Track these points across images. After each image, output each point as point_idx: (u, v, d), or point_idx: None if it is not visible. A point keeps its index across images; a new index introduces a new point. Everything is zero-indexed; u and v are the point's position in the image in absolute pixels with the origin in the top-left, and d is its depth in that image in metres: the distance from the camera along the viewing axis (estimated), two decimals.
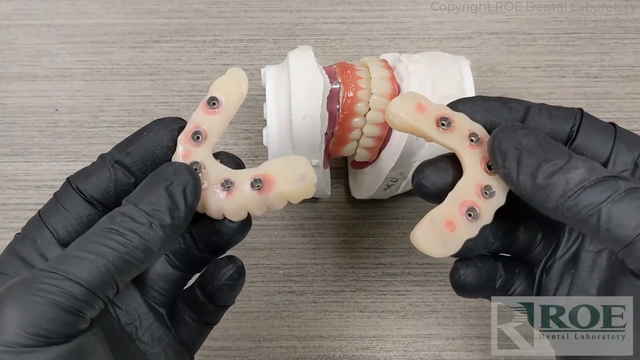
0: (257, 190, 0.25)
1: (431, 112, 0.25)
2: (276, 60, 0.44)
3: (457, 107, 0.26)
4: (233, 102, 0.26)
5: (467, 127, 0.25)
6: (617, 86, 0.43)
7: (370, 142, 0.36)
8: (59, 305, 0.20)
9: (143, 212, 0.23)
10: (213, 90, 0.26)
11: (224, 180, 0.25)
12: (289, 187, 0.25)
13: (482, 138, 0.25)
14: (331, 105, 0.34)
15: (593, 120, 0.26)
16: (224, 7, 0.45)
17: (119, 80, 0.43)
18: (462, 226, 0.25)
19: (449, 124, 0.25)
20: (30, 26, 0.45)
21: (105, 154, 0.26)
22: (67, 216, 0.25)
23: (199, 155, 0.25)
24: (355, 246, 0.40)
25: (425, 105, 0.25)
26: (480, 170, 0.25)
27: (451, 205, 0.25)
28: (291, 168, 0.25)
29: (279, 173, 0.25)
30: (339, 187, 0.41)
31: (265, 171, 0.25)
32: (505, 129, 0.24)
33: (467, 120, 0.25)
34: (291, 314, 0.39)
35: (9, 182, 0.41)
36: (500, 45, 0.44)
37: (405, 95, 0.26)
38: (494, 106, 0.26)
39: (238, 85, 0.26)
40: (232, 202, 0.25)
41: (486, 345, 0.38)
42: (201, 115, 0.26)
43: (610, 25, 0.45)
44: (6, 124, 0.42)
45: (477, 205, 0.25)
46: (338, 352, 0.38)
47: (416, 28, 0.45)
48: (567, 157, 0.23)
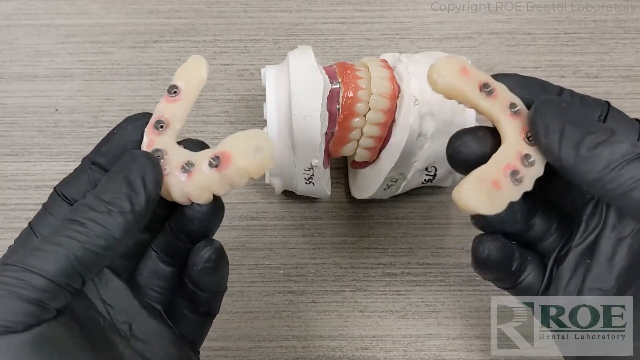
0: (215, 168, 0.24)
1: (475, 77, 0.25)
2: (276, 60, 0.44)
3: (496, 78, 0.26)
4: (193, 89, 0.26)
5: (507, 97, 0.25)
6: (617, 86, 0.43)
7: (370, 142, 0.36)
8: (19, 297, 0.21)
9: (102, 201, 0.23)
10: (174, 79, 0.26)
11: (184, 163, 0.25)
12: (246, 161, 0.24)
13: (522, 109, 0.25)
14: (331, 105, 0.34)
15: (619, 114, 0.26)
16: (224, 7, 0.45)
17: (119, 80, 0.43)
18: (507, 187, 0.24)
19: (492, 91, 0.25)
20: (30, 26, 0.45)
21: (85, 157, 0.26)
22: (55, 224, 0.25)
23: (162, 142, 0.25)
24: (355, 246, 0.40)
25: (469, 70, 0.25)
26: (520, 140, 0.25)
27: (496, 166, 0.25)
28: (246, 142, 0.25)
29: (235, 148, 0.25)
30: (339, 187, 0.41)
31: (222, 148, 0.25)
32: (547, 101, 0.24)
33: (507, 91, 0.26)
34: (291, 314, 0.39)
35: (9, 182, 0.41)
36: (500, 45, 0.44)
37: (450, 57, 0.25)
38: (530, 84, 0.26)
39: (197, 72, 0.26)
40: (193, 183, 0.25)
41: (486, 345, 0.38)
42: (163, 105, 0.26)
43: (610, 25, 0.45)
44: (6, 124, 0.42)
45: (520, 170, 0.25)
46: (338, 352, 0.38)
47: (416, 28, 0.45)
48: (611, 131, 0.23)
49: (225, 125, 0.42)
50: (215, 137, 0.42)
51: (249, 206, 0.40)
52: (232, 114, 0.43)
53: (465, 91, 0.25)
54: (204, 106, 0.43)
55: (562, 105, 0.24)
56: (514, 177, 0.24)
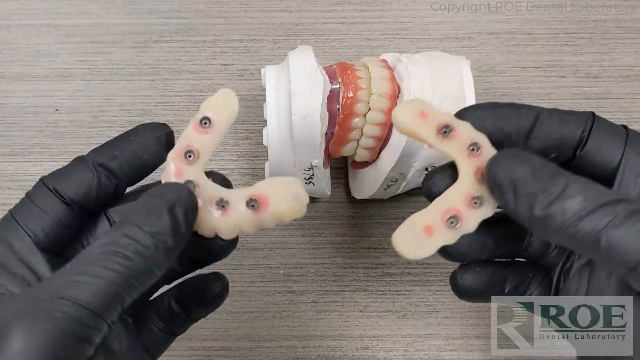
0: (253, 209, 0.25)
1: (433, 120, 0.26)
2: (276, 60, 0.44)
3: (467, 114, 0.26)
4: (224, 122, 0.26)
5: (469, 136, 0.26)
6: (617, 86, 0.43)
7: (370, 142, 0.36)
8: (67, 333, 0.20)
9: (148, 234, 0.22)
10: (205, 110, 0.26)
11: (218, 199, 0.25)
12: (284, 206, 0.25)
13: (483, 148, 0.26)
14: (331, 105, 0.34)
15: (605, 125, 0.25)
16: (224, 7, 0.45)
17: (119, 80, 0.43)
18: (440, 232, 0.25)
19: (450, 132, 0.26)
20: (30, 26, 0.45)
21: (85, 156, 0.26)
22: (44, 218, 0.25)
23: (192, 173, 0.25)
24: (355, 246, 0.40)
25: (428, 113, 0.26)
26: (473, 180, 0.25)
27: (434, 211, 0.26)
28: (285, 188, 0.25)
29: (273, 194, 0.25)
30: (339, 187, 0.41)
31: (260, 191, 0.25)
32: (500, 158, 0.24)
33: (470, 130, 0.26)
34: (291, 314, 0.39)
35: (9, 182, 0.41)
36: (500, 45, 0.44)
37: (410, 101, 0.27)
38: (503, 113, 0.26)
39: (229, 106, 0.26)
40: (227, 221, 0.25)
41: (486, 345, 0.38)
42: (193, 134, 0.26)
43: (610, 25, 0.45)
44: (6, 124, 0.42)
45: (462, 213, 0.25)
46: (338, 352, 0.38)
47: (416, 28, 0.45)
48: (564, 184, 0.22)
49: None
50: None
51: None
52: None
53: (422, 134, 0.26)
54: None
55: (514, 162, 0.24)
56: (451, 222, 0.25)
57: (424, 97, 0.34)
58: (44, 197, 0.25)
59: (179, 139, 0.26)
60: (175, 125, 0.42)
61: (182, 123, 0.42)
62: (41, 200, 0.25)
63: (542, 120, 0.25)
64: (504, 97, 0.43)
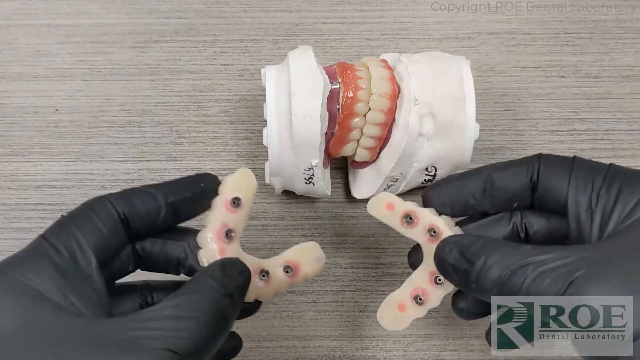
0: (289, 276, 0.30)
1: (398, 210, 0.31)
2: (276, 60, 0.44)
3: (428, 196, 0.31)
4: (250, 199, 0.30)
5: (428, 223, 0.30)
6: (617, 86, 0.43)
7: (370, 142, 0.36)
8: None
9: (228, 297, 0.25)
10: (230, 191, 0.29)
11: (260, 271, 0.29)
12: (312, 269, 0.31)
13: (441, 232, 0.30)
14: (331, 105, 0.34)
15: (551, 163, 0.29)
16: (224, 7, 0.45)
17: (119, 80, 0.43)
18: (411, 309, 0.31)
19: (412, 220, 0.30)
20: (30, 26, 0.45)
21: (156, 192, 0.27)
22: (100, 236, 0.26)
23: (233, 251, 0.29)
24: (355, 246, 0.40)
25: (394, 204, 0.31)
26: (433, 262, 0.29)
27: (404, 291, 0.31)
28: (310, 253, 0.31)
29: (302, 259, 0.31)
30: (339, 187, 0.41)
31: (291, 258, 0.31)
32: (439, 247, 0.29)
33: (430, 216, 0.30)
34: (291, 314, 0.39)
35: (9, 182, 0.41)
36: (500, 45, 0.44)
37: (378, 197, 0.31)
38: (456, 186, 0.30)
39: (250, 184, 0.30)
40: (269, 288, 0.30)
41: (486, 346, 0.38)
42: (225, 214, 0.29)
43: (610, 25, 0.45)
44: (6, 124, 0.42)
45: (427, 292, 0.30)
46: (338, 352, 0.38)
47: (416, 28, 0.45)
48: (484, 258, 0.27)
49: (225, 125, 0.42)
50: (215, 137, 0.42)
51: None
52: (232, 114, 0.43)
53: (390, 223, 0.31)
54: (204, 106, 0.43)
55: (449, 247, 0.28)
56: (418, 300, 0.30)
57: (424, 97, 0.34)
58: (107, 217, 0.26)
59: (211, 219, 0.28)
60: (175, 125, 0.42)
61: (182, 123, 0.42)
62: (105, 218, 0.26)
63: (492, 182, 0.29)
64: (504, 97, 0.43)
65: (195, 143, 0.42)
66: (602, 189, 0.27)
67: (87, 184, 0.41)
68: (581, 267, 0.25)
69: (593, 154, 0.42)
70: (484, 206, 0.30)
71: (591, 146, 0.42)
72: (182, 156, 0.42)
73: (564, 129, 0.42)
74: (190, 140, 0.42)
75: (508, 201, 0.29)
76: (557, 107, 0.43)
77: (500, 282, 0.26)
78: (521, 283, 0.25)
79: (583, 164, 0.28)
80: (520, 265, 0.26)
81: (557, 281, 0.25)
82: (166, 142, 0.42)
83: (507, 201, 0.29)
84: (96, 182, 0.41)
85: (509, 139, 0.42)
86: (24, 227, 0.40)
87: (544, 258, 0.25)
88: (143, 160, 0.41)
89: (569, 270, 0.25)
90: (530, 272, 0.25)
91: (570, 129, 0.42)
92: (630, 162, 0.41)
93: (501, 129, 0.42)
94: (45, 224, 0.40)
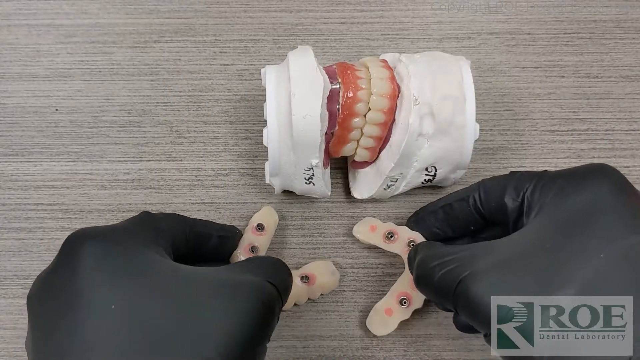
0: (305, 283, 0.37)
1: (381, 229, 0.37)
2: (276, 60, 0.44)
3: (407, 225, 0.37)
4: (272, 227, 0.38)
5: (407, 236, 0.37)
6: (617, 86, 0.43)
7: (370, 142, 0.36)
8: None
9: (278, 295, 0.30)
10: (257, 219, 0.38)
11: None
12: (327, 279, 0.37)
13: (417, 242, 0.36)
14: (331, 105, 0.34)
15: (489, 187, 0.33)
16: (224, 7, 0.45)
17: (119, 80, 0.43)
18: (397, 312, 0.36)
19: (393, 236, 0.37)
20: (30, 26, 0.45)
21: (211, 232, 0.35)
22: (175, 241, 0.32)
23: None
24: (355, 246, 0.40)
25: (376, 226, 0.38)
26: None
27: (390, 296, 0.37)
28: (325, 267, 0.38)
29: (317, 271, 0.37)
30: (339, 187, 0.41)
31: (308, 270, 0.37)
32: (412, 250, 0.35)
33: (407, 231, 0.37)
34: (291, 314, 0.39)
35: (9, 182, 0.41)
36: (500, 45, 0.44)
37: (362, 221, 0.38)
38: (422, 218, 0.37)
39: (273, 217, 0.38)
40: (290, 295, 0.33)
41: (486, 346, 0.38)
42: (252, 236, 0.37)
43: (610, 25, 0.45)
44: (6, 124, 0.42)
45: (410, 295, 0.36)
46: (338, 352, 0.38)
47: (416, 28, 0.45)
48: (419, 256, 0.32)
49: (225, 125, 0.42)
50: (215, 137, 0.42)
51: (248, 206, 0.40)
52: (232, 114, 0.43)
53: (375, 242, 0.37)
54: (204, 106, 0.43)
55: (412, 249, 0.35)
56: (402, 303, 0.36)
57: (424, 97, 0.34)
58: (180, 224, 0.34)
59: (241, 242, 0.37)
60: (175, 125, 0.42)
61: (182, 123, 0.42)
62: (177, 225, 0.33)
63: (449, 211, 0.35)
64: (504, 97, 0.43)
65: (195, 143, 0.42)
66: (527, 192, 0.31)
67: (87, 184, 0.41)
68: (469, 267, 0.28)
69: (593, 154, 0.42)
70: (448, 232, 0.36)
71: (591, 146, 0.42)
72: (182, 156, 0.42)
73: (564, 129, 0.42)
74: (190, 140, 0.42)
75: (465, 227, 0.35)
76: (557, 107, 0.43)
77: (423, 277, 0.31)
78: (435, 279, 0.30)
79: (515, 175, 0.32)
80: (438, 263, 0.30)
81: (452, 279, 0.29)
82: (166, 142, 0.42)
83: (463, 228, 0.35)
84: (96, 182, 0.41)
85: (509, 139, 0.42)
86: (24, 227, 0.40)
87: (449, 258, 0.30)
88: (143, 160, 0.41)
89: (459, 270, 0.29)
90: (437, 272, 0.30)
91: (570, 129, 0.42)
92: (630, 162, 0.41)
93: (501, 129, 0.42)
94: (45, 224, 0.40)
